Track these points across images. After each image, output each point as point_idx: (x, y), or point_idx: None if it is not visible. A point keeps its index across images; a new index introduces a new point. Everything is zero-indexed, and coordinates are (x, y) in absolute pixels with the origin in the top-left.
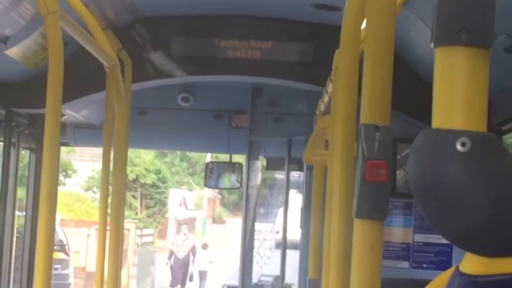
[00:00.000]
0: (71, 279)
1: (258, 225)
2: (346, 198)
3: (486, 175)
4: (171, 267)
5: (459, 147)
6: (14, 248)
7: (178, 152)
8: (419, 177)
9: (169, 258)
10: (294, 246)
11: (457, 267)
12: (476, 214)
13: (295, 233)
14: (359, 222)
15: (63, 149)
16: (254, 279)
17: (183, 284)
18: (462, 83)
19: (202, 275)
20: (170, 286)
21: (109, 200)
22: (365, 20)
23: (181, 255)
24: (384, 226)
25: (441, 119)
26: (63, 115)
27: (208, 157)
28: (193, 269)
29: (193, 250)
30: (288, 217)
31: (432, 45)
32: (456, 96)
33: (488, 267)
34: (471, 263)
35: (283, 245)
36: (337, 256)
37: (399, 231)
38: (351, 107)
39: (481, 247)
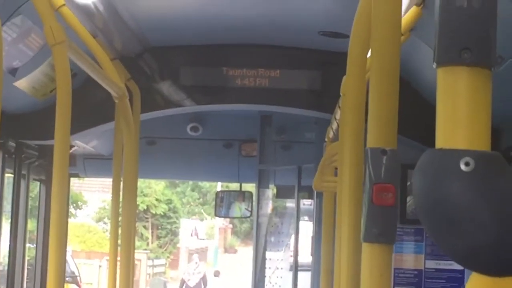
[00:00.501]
0: None
1: (269, 254)
2: (355, 223)
3: (491, 194)
4: None
5: (463, 166)
6: (25, 280)
7: (190, 182)
8: (424, 197)
9: (181, 286)
10: (307, 268)
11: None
12: (482, 233)
13: (307, 256)
14: (368, 247)
15: (73, 180)
16: None
17: None
18: (464, 103)
19: None
20: None
21: (120, 231)
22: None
23: (192, 283)
24: (395, 252)
25: (444, 139)
26: (72, 146)
27: (219, 186)
28: None
29: (204, 279)
30: (300, 242)
31: (434, 65)
32: (459, 116)
33: (494, 287)
34: (477, 283)
35: (294, 273)
36: (347, 282)
37: (410, 258)
38: (359, 132)
39: (488, 266)
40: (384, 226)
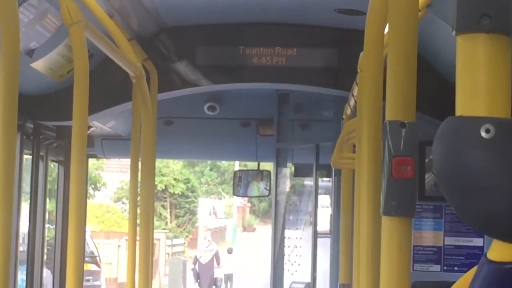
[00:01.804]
0: None
1: (288, 232)
2: (374, 197)
3: (511, 161)
4: (195, 272)
5: (483, 133)
6: (45, 260)
7: (208, 161)
8: (444, 164)
9: (194, 263)
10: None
11: (485, 255)
12: (502, 200)
13: (326, 224)
14: (387, 220)
15: (91, 163)
16: (286, 286)
17: None
18: (484, 70)
19: (228, 278)
20: None
21: (138, 211)
22: (388, 23)
23: (204, 260)
24: (414, 230)
25: (464, 107)
26: (90, 126)
27: (237, 165)
28: (219, 273)
29: (216, 255)
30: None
31: (453, 33)
32: (479, 83)
33: None
34: (498, 251)
35: (313, 253)
36: (367, 257)
37: (429, 235)
38: (377, 108)
39: (509, 233)
40: (404, 199)
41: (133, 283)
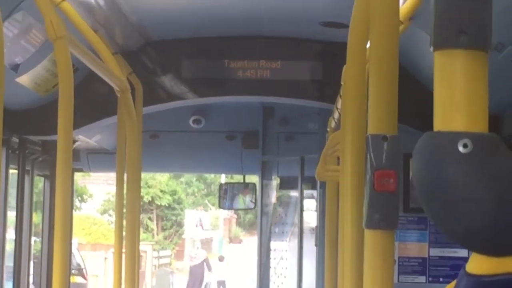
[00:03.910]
0: None
1: (273, 244)
2: (357, 210)
3: (489, 175)
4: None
5: (461, 148)
6: (31, 273)
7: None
8: (423, 178)
9: (190, 274)
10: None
11: (464, 268)
12: (481, 213)
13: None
14: (370, 233)
15: (78, 175)
16: None
17: None
18: (461, 86)
19: (221, 284)
20: None
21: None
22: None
23: (195, 268)
24: (399, 241)
25: (442, 122)
26: (75, 141)
27: (223, 177)
28: (211, 279)
29: (207, 262)
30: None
31: (431, 49)
32: (456, 99)
33: (494, 266)
34: (477, 263)
35: (299, 265)
36: (351, 269)
37: (414, 246)
38: (360, 120)
39: (487, 246)
40: (386, 212)
41: None
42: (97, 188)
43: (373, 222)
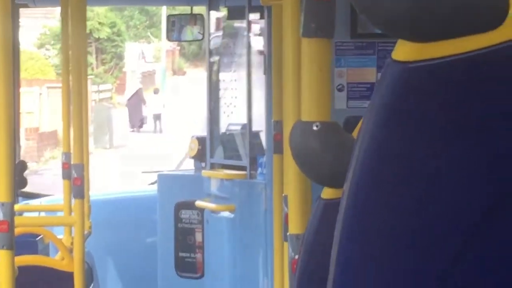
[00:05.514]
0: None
1: (222, 75)
2: (298, 23)
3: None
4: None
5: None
6: None
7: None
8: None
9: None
10: None
11: (390, 56)
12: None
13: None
14: (306, 42)
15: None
16: (222, 129)
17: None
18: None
19: (157, 118)
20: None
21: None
22: None
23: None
24: (347, 67)
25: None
26: None
27: (164, 9)
28: (147, 113)
29: (140, 94)
30: None
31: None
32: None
33: (419, 52)
34: (402, 50)
35: (248, 95)
36: (292, 77)
37: (362, 72)
38: None
39: (411, 31)
40: (323, 21)
41: (68, 135)
42: (32, 22)
43: (310, 30)
